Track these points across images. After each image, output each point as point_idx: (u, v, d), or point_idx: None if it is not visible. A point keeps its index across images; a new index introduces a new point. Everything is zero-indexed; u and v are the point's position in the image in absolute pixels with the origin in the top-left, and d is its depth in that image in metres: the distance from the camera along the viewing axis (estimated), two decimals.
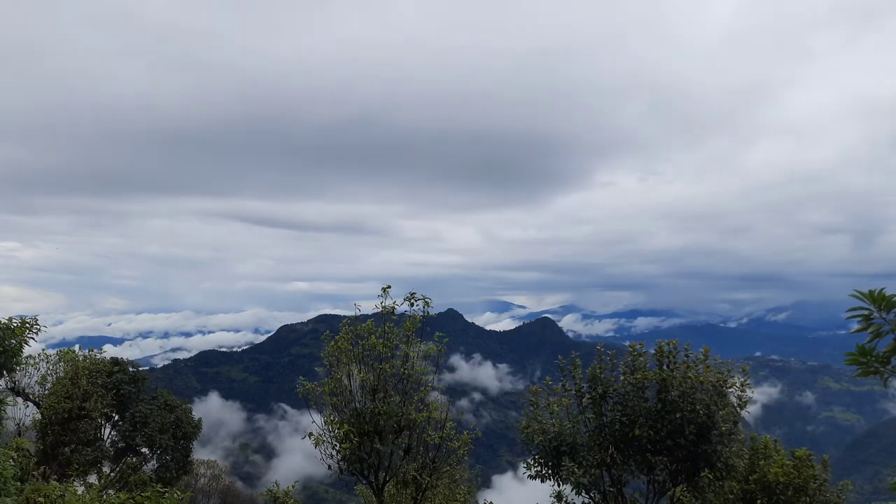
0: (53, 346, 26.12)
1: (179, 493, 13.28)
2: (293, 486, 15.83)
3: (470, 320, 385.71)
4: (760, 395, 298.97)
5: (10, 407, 19.76)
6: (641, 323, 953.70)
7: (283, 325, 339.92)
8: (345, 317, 15.27)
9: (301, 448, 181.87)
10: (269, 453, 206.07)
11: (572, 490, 15.07)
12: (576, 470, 14.69)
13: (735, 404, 14.94)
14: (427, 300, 14.76)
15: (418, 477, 14.91)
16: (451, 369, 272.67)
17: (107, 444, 24.17)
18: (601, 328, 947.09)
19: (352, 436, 13.90)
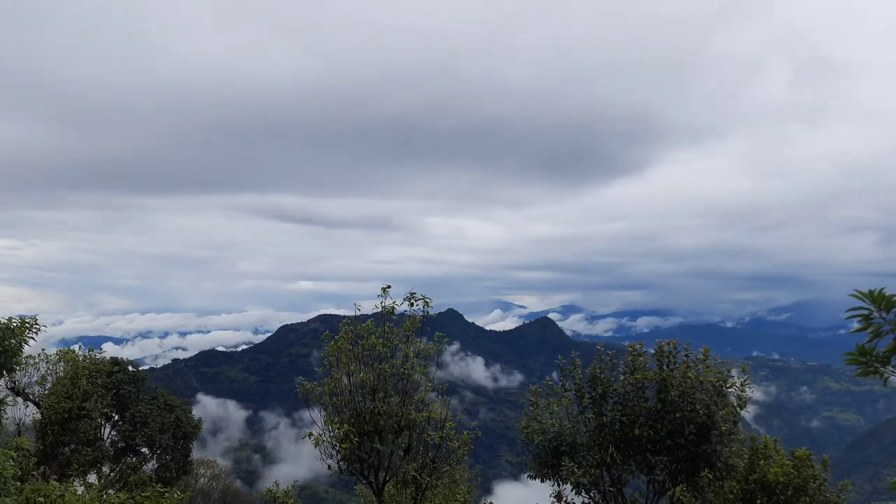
0: (54, 346, 26.11)
1: (179, 493, 13.29)
2: (293, 486, 15.84)
3: (471, 320, 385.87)
4: (760, 395, 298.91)
5: (10, 407, 19.75)
6: (642, 323, 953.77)
7: (283, 324, 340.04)
8: (345, 317, 15.27)
9: (301, 448, 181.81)
10: (268, 453, 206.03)
11: (572, 490, 15.08)
12: (576, 470, 14.70)
13: (735, 404, 14.95)
14: (427, 300, 14.75)
15: (418, 477, 14.90)
16: (449, 369, 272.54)
17: (107, 444, 24.17)
18: (601, 328, 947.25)
19: (352, 436, 13.90)
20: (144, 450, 24.91)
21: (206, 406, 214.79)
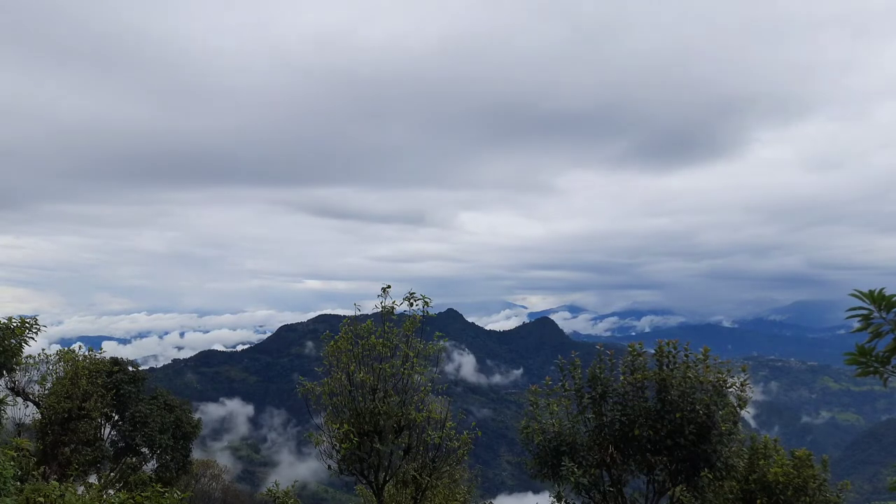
0: (54, 346, 26.10)
1: (179, 493, 13.29)
2: (293, 486, 15.85)
3: (481, 320, 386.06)
4: (760, 395, 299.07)
5: (9, 407, 19.75)
6: (643, 323, 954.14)
7: (283, 324, 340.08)
8: (345, 317, 15.29)
9: (301, 448, 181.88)
10: (268, 453, 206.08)
11: (572, 490, 15.07)
12: (576, 470, 14.69)
13: (735, 404, 14.94)
14: (426, 300, 14.75)
15: (418, 477, 14.91)
16: (447, 369, 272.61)
17: (107, 444, 24.16)
18: (602, 328, 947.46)
19: (352, 436, 13.90)
20: (144, 450, 24.90)
21: (207, 406, 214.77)
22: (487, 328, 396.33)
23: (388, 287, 14.87)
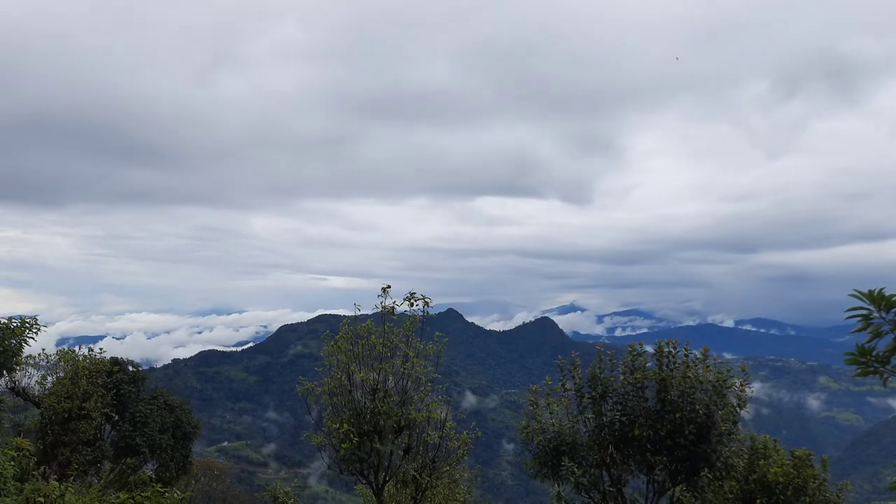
0: (54, 346, 26.11)
1: (179, 493, 13.29)
2: (293, 486, 15.87)
3: (477, 320, 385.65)
4: (760, 395, 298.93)
5: (9, 407, 19.75)
6: (643, 323, 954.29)
7: (283, 324, 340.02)
8: (345, 317, 15.28)
9: (301, 448, 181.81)
10: (268, 454, 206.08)
11: (572, 490, 15.08)
12: (575, 470, 14.70)
13: (735, 404, 14.95)
14: (427, 300, 14.75)
15: (418, 477, 14.90)
16: (448, 368, 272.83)
17: (107, 444, 24.16)
18: (601, 328, 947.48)
19: (352, 436, 13.90)
20: (144, 450, 24.91)
21: (207, 406, 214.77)
22: (488, 328, 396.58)
23: (388, 287, 14.87)
